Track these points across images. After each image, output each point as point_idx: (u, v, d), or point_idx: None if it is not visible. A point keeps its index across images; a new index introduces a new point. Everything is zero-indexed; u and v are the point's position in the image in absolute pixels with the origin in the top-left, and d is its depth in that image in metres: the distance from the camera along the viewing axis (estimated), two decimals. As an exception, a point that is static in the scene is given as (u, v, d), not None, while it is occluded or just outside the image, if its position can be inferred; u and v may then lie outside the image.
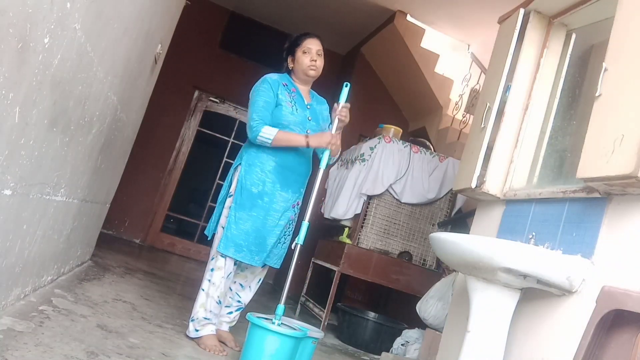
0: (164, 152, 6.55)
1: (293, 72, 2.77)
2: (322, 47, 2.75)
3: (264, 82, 2.69)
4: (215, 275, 2.59)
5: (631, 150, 1.72)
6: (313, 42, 2.73)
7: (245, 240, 2.58)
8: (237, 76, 6.64)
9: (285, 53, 2.79)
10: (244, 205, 2.60)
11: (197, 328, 2.56)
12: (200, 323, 2.57)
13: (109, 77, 2.39)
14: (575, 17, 2.70)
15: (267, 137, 2.55)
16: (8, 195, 1.58)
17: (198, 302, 2.59)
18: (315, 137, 2.60)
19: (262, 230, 2.60)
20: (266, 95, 2.63)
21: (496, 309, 2.13)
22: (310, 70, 2.72)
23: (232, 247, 2.56)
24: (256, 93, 2.66)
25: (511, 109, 2.72)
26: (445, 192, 4.25)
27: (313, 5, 5.83)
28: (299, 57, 2.72)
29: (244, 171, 2.63)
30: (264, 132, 2.55)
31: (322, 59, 2.75)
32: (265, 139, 2.55)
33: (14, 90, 1.38)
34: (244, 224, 2.58)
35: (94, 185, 2.95)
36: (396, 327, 3.76)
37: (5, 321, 1.85)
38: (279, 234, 2.66)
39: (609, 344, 1.54)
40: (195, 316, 2.58)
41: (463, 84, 5.17)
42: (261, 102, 2.62)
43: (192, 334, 2.57)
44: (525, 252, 2.04)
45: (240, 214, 2.59)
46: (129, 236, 6.37)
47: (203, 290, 2.60)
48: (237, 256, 2.57)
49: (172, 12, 3.62)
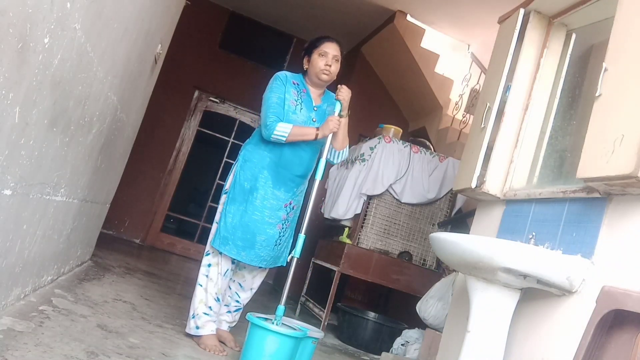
0: (164, 152, 6.55)
1: (307, 73, 2.74)
2: (340, 53, 2.72)
3: (276, 79, 2.69)
4: (212, 270, 2.61)
5: (631, 150, 1.72)
6: (331, 47, 2.68)
7: (232, 234, 2.58)
8: (237, 76, 6.64)
9: (303, 53, 2.77)
10: (235, 200, 2.62)
11: (198, 325, 2.56)
12: (201, 319, 2.56)
13: (109, 77, 2.39)
14: (575, 17, 2.70)
15: (281, 134, 2.55)
16: (8, 195, 1.58)
17: (197, 298, 2.60)
18: (322, 127, 2.61)
19: (250, 226, 2.58)
20: (278, 91, 2.64)
21: (496, 309, 2.13)
22: (322, 74, 2.67)
23: (219, 240, 2.58)
24: (269, 90, 2.67)
25: (511, 109, 2.72)
26: (445, 192, 4.25)
27: (313, 5, 5.83)
28: (314, 59, 2.68)
29: (239, 167, 2.66)
30: (278, 130, 2.55)
31: (338, 65, 2.72)
32: (280, 136, 2.56)
33: (14, 90, 1.38)
34: (233, 218, 2.59)
35: (94, 185, 2.95)
36: (396, 327, 3.76)
37: (5, 321, 1.85)
38: (272, 233, 2.63)
39: (609, 344, 1.54)
40: (195, 312, 2.58)
41: (463, 84, 5.17)
42: (274, 98, 2.62)
43: (193, 331, 2.56)
44: (525, 252, 2.04)
45: (230, 207, 2.61)
46: (129, 236, 6.37)
47: (201, 286, 2.61)
48: (222, 249, 2.57)
49: (172, 12, 3.62)
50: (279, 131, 2.54)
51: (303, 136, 2.59)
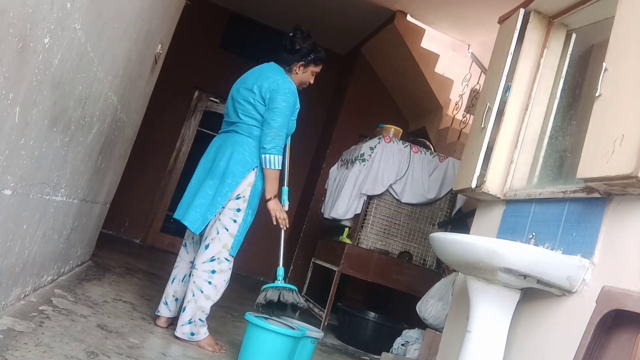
0: (164, 152, 6.55)
1: (291, 74, 2.73)
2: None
3: (294, 94, 2.65)
4: (222, 277, 2.57)
5: (631, 150, 1.72)
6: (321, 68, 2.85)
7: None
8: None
9: (300, 56, 2.74)
10: (254, 211, 2.65)
11: (193, 332, 2.51)
12: (197, 325, 2.52)
13: (109, 77, 2.39)
14: (575, 17, 2.70)
15: (275, 164, 2.57)
16: (8, 195, 1.58)
17: (197, 304, 2.51)
18: (276, 203, 2.63)
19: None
20: (290, 111, 2.63)
21: (496, 309, 2.13)
22: (302, 87, 2.81)
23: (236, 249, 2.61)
24: (289, 103, 2.62)
25: (511, 109, 2.72)
26: (445, 192, 4.25)
27: (313, 5, 5.83)
28: (307, 73, 2.79)
29: (258, 180, 2.61)
30: (276, 159, 2.57)
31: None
32: (272, 164, 2.56)
33: (14, 90, 1.38)
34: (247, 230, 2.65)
35: (94, 185, 2.95)
36: (396, 327, 3.76)
37: (5, 321, 1.85)
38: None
39: (609, 344, 1.54)
40: (194, 319, 2.51)
41: (463, 84, 5.17)
42: (288, 113, 2.62)
43: (187, 337, 2.51)
44: (525, 252, 2.04)
45: (249, 219, 2.63)
46: (129, 236, 6.37)
47: (202, 293, 2.52)
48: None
49: (172, 12, 3.62)
50: (275, 160, 2.56)
51: (274, 183, 2.59)
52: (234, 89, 2.78)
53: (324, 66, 2.83)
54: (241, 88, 2.72)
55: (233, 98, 2.74)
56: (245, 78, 2.77)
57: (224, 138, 2.69)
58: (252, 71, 2.78)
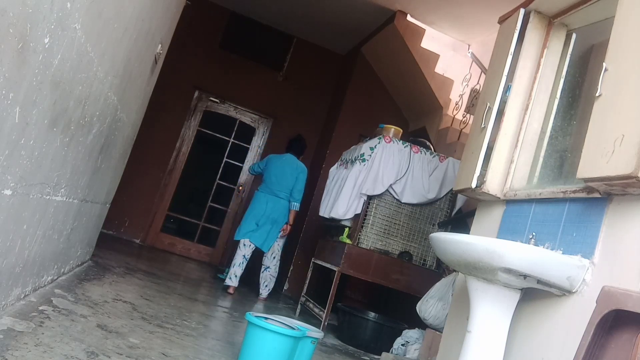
0: (164, 152, 6.55)
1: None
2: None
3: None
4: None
5: (631, 150, 1.72)
6: None
7: None
8: (237, 76, 6.64)
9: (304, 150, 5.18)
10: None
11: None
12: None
13: (109, 77, 2.39)
14: (575, 17, 2.70)
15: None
16: (8, 195, 1.58)
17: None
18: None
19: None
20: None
21: (496, 309, 2.13)
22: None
23: None
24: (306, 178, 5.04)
25: (511, 109, 2.72)
26: (446, 192, 4.25)
27: (313, 5, 5.83)
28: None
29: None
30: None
31: None
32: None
33: (14, 90, 1.38)
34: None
35: (94, 185, 2.95)
36: (396, 327, 3.76)
37: (5, 321, 1.86)
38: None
39: (609, 344, 1.54)
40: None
41: (463, 84, 5.17)
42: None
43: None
44: (525, 252, 2.04)
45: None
46: (129, 236, 6.37)
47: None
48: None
49: (172, 12, 3.62)
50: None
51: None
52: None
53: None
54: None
55: None
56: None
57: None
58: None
